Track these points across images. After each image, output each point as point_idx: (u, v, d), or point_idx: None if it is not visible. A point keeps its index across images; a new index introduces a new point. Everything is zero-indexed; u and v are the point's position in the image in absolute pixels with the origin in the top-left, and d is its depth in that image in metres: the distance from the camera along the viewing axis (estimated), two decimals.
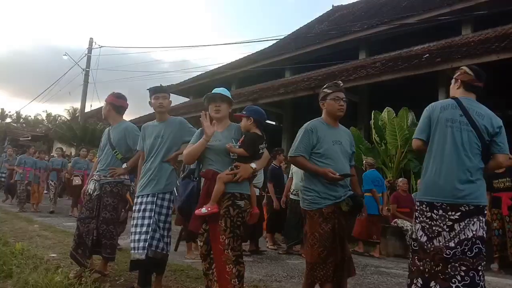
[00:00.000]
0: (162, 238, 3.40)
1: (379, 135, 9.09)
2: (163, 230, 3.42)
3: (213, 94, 3.00)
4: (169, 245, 3.50)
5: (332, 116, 3.17)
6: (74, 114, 31.13)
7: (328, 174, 2.91)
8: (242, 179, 2.79)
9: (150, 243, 3.32)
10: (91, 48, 21.94)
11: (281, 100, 12.71)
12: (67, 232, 6.58)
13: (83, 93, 21.59)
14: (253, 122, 2.93)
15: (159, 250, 3.36)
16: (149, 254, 3.30)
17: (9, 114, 51.06)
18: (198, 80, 18.56)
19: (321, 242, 2.88)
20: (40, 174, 10.56)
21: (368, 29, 12.76)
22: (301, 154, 3.03)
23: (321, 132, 3.07)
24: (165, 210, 3.46)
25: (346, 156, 3.13)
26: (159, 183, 3.48)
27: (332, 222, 2.90)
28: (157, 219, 3.40)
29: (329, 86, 3.21)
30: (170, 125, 3.61)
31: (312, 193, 2.98)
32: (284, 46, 17.10)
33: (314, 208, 2.96)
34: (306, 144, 3.03)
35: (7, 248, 4.89)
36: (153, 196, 3.46)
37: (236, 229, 2.74)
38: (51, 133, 25.30)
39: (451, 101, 2.75)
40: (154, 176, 3.49)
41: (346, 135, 3.26)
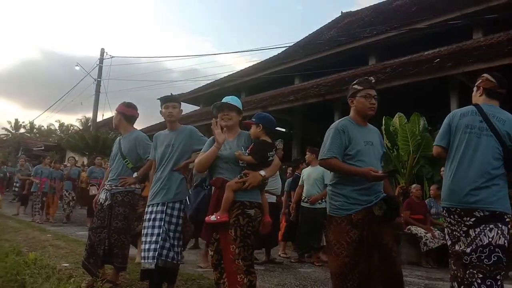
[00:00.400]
0: (172, 247, 3.39)
1: (390, 141, 8.99)
2: (173, 239, 3.41)
3: (220, 104, 3.00)
4: (180, 255, 3.48)
5: (362, 114, 2.93)
6: (86, 123, 31.55)
7: (370, 173, 2.64)
8: (251, 187, 2.77)
9: (160, 253, 3.32)
10: (102, 59, 22.19)
11: (290, 107, 12.69)
12: (80, 241, 6.61)
13: (95, 103, 21.82)
14: (262, 129, 2.91)
15: (169, 259, 3.35)
16: (159, 264, 3.29)
17: (23, 125, 51.72)
18: (208, 89, 18.65)
19: (348, 251, 2.66)
20: (56, 184, 10.44)
21: (378, 34, 12.72)
22: (334, 155, 2.76)
23: (352, 132, 2.84)
24: (175, 219, 3.45)
25: (378, 158, 2.91)
26: (168, 192, 3.48)
27: (361, 229, 2.69)
28: (167, 228, 3.39)
29: (359, 83, 2.98)
30: (181, 134, 3.62)
31: (341, 198, 2.76)
32: (293, 53, 17.11)
33: (342, 214, 2.73)
34: (338, 144, 2.78)
35: (21, 258, 4.94)
36: (163, 205, 3.46)
37: (247, 239, 2.71)
38: (63, 143, 25.55)
39: (471, 107, 2.78)
40: (164, 185, 3.50)
41: (376, 134, 3.05)
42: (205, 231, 2.86)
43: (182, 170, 3.51)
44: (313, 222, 6.05)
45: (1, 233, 7.48)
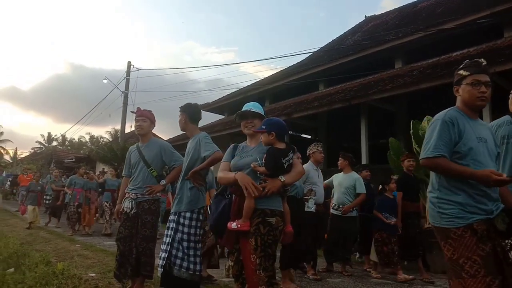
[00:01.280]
0: (187, 257, 3.35)
1: (419, 146, 8.70)
2: (187, 249, 3.37)
3: (243, 112, 2.97)
4: (197, 265, 3.41)
5: (470, 106, 2.42)
6: (115, 135, 32.23)
7: (491, 177, 2.13)
8: (271, 193, 2.68)
9: (174, 262, 3.31)
10: (129, 71, 22.65)
11: (315, 113, 12.54)
12: (107, 251, 6.66)
13: (123, 115, 22.24)
14: (275, 137, 2.84)
15: (184, 269, 3.32)
16: (174, 273, 3.29)
17: (55, 138, 53.47)
18: (232, 98, 18.73)
19: (487, 268, 2.09)
20: (91, 195, 10.19)
21: (403, 37, 12.45)
22: (443, 154, 2.27)
23: (462, 124, 2.33)
24: (187, 229, 3.41)
25: (493, 158, 2.39)
26: (180, 201, 3.49)
27: (492, 242, 2.16)
28: (179, 237, 3.38)
29: (465, 67, 2.51)
30: (193, 141, 3.63)
31: (453, 206, 2.25)
32: (317, 59, 16.99)
33: (461, 224, 2.21)
34: (446, 140, 2.29)
35: (49, 268, 5.00)
36: (175, 214, 3.48)
37: (268, 248, 2.61)
38: (93, 154, 26.17)
39: (507, 117, 2.64)
40: (177, 194, 3.54)
41: (489, 131, 2.50)
42: (226, 238, 2.79)
43: (191, 179, 3.47)
44: (343, 231, 5.91)
45: (33, 243, 7.64)
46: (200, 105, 4.10)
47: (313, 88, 15.45)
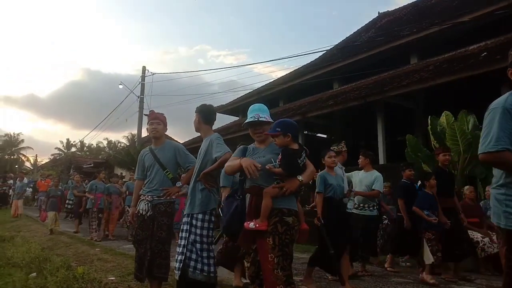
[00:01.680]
0: (201, 259, 3.34)
1: (438, 142, 8.56)
2: (200, 251, 3.36)
3: (252, 122, 2.94)
4: (211, 267, 3.39)
5: None
6: (132, 139, 32.60)
7: None
8: (290, 192, 2.68)
9: (188, 264, 3.32)
10: (144, 76, 22.91)
11: (330, 112, 12.43)
12: (126, 255, 6.72)
13: (139, 119, 22.49)
14: (291, 138, 2.83)
15: (198, 271, 3.31)
16: (189, 275, 3.29)
17: (74, 144, 54.44)
18: (246, 99, 18.74)
19: None
20: (113, 200, 9.95)
21: (418, 32, 12.25)
22: (506, 147, 2.01)
23: None
24: (199, 230, 3.40)
25: None
26: (191, 203, 3.49)
27: None
28: (193, 239, 3.38)
29: None
30: (206, 142, 3.63)
31: None
32: (330, 57, 16.87)
33: None
34: (508, 131, 2.02)
35: (70, 272, 5.08)
36: (188, 216, 3.48)
37: (285, 247, 2.60)
38: (111, 159, 26.52)
39: None
40: (189, 196, 3.54)
41: None
42: (243, 238, 2.77)
43: (203, 180, 3.46)
44: (364, 230, 5.81)
45: (54, 248, 7.77)
46: (215, 107, 4.08)
47: (327, 87, 15.35)
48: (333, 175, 4.89)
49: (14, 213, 15.00)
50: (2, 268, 5.66)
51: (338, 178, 4.93)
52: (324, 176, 4.86)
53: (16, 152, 55.79)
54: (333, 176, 4.88)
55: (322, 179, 4.84)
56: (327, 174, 4.88)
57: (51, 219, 10.37)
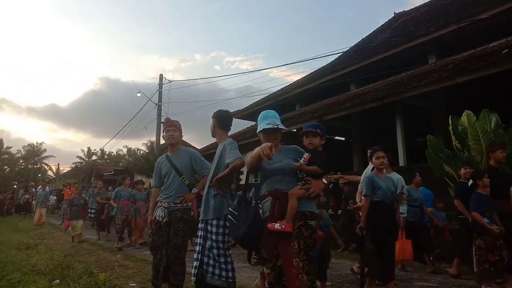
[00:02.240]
0: (219, 264, 3.33)
1: (460, 142, 8.37)
2: (217, 256, 3.35)
3: (267, 130, 2.94)
4: (229, 272, 3.36)
5: None
6: (151, 147, 32.99)
7: None
8: (315, 194, 2.68)
9: (207, 270, 3.31)
10: (161, 84, 23.17)
11: (348, 114, 12.33)
12: (147, 261, 6.76)
13: (157, 127, 22.72)
14: (322, 140, 2.87)
15: (216, 276, 3.30)
16: (207, 281, 3.29)
17: (95, 152, 55.41)
18: (263, 103, 18.73)
19: None
20: (139, 207, 9.46)
21: (436, 31, 12.05)
22: None
23: None
24: (215, 236, 3.39)
25: None
26: (205, 209, 3.49)
27: None
28: (209, 245, 3.37)
29: None
30: (220, 148, 3.62)
31: None
32: (346, 59, 16.75)
33: None
34: None
35: (92, 279, 5.13)
36: (203, 222, 3.49)
37: (310, 251, 2.60)
38: (131, 166, 26.87)
39: None
40: (203, 202, 3.54)
41: None
42: (266, 242, 2.73)
43: (216, 186, 3.44)
44: None
45: (76, 255, 7.88)
46: (231, 112, 4.07)
47: (344, 89, 15.23)
48: (382, 177, 4.55)
49: (38, 221, 15.25)
50: (27, 275, 5.76)
51: (388, 181, 4.59)
52: (372, 178, 4.49)
53: (39, 161, 57.19)
54: (382, 178, 4.54)
55: (370, 181, 4.46)
56: (376, 176, 4.52)
57: (74, 226, 10.25)
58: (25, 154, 57.24)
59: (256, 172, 2.93)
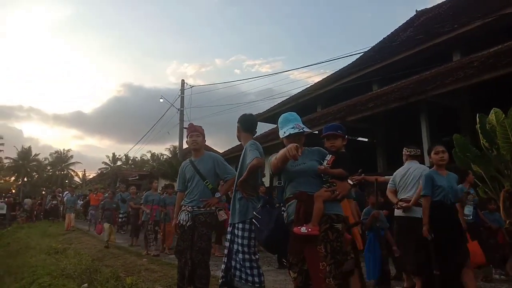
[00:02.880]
0: (244, 269, 3.32)
1: (488, 140, 8.13)
2: (243, 261, 3.33)
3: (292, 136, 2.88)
4: (256, 277, 3.33)
5: None
6: (174, 151, 33.38)
7: None
8: (342, 196, 2.64)
9: (234, 273, 3.32)
10: (183, 89, 23.45)
11: (371, 114, 12.15)
12: (172, 264, 6.81)
13: (180, 131, 23.00)
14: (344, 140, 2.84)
15: (243, 280, 3.29)
16: (235, 284, 3.29)
17: (119, 158, 56.46)
18: (284, 105, 18.69)
19: None
20: (170, 212, 8.93)
21: (460, 28, 11.78)
22: None
23: None
24: (241, 240, 3.37)
25: None
26: (233, 213, 3.50)
27: None
28: (236, 249, 3.37)
29: None
30: (243, 152, 3.60)
31: None
32: (368, 59, 16.54)
33: None
34: None
35: (119, 283, 5.21)
36: (230, 226, 3.49)
37: (337, 255, 2.55)
38: (154, 171, 27.24)
39: None
40: (231, 205, 3.56)
41: None
42: (292, 246, 2.70)
43: (240, 189, 3.44)
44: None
45: (103, 259, 8.01)
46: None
47: (366, 89, 15.04)
48: (443, 175, 4.15)
49: (68, 226, 15.45)
50: (57, 279, 5.88)
51: (451, 178, 4.18)
52: (432, 176, 4.12)
53: (66, 168, 58.68)
54: (443, 176, 4.14)
55: (429, 179, 4.10)
56: (436, 174, 4.15)
57: (106, 230, 10.15)
58: (52, 161, 58.86)
59: (279, 174, 2.90)
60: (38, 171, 58.05)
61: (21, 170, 54.14)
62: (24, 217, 22.34)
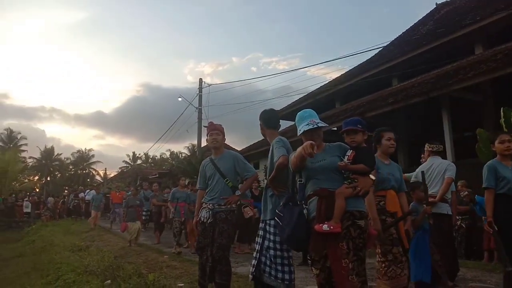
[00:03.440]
0: (275, 265, 3.29)
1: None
2: (274, 257, 3.30)
3: (308, 132, 2.86)
4: (286, 274, 3.29)
5: None
6: (193, 149, 33.65)
7: None
8: (364, 192, 2.60)
9: (264, 269, 3.30)
10: (201, 88, 23.58)
11: (391, 110, 11.97)
12: (193, 261, 6.88)
13: (198, 130, 23.16)
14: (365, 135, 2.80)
15: (272, 277, 3.26)
16: (264, 280, 3.28)
17: (139, 156, 57.22)
18: (301, 103, 18.59)
19: None
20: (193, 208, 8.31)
21: (482, 20, 11.49)
22: None
23: None
24: (273, 236, 3.35)
25: None
26: (265, 210, 3.48)
27: None
28: (267, 245, 3.35)
29: None
30: (271, 149, 3.57)
31: None
32: (387, 54, 16.31)
33: None
34: None
35: (141, 279, 5.27)
36: (262, 222, 3.48)
37: (359, 252, 2.53)
38: (174, 169, 27.49)
39: None
40: (262, 202, 3.54)
41: None
42: (314, 243, 2.68)
43: (271, 187, 3.42)
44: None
45: (125, 256, 8.14)
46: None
47: (386, 85, 14.82)
48: (508, 166, 3.82)
49: (93, 223, 15.40)
50: (81, 276, 6.01)
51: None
52: (495, 166, 3.82)
53: (87, 167, 59.82)
54: (508, 167, 3.82)
55: (492, 170, 3.79)
56: (499, 164, 3.84)
57: (130, 228, 10.00)
58: (74, 160, 60.07)
59: (300, 172, 2.88)
60: (60, 170, 59.31)
61: (44, 170, 55.40)
62: (48, 215, 22.84)
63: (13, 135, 51.20)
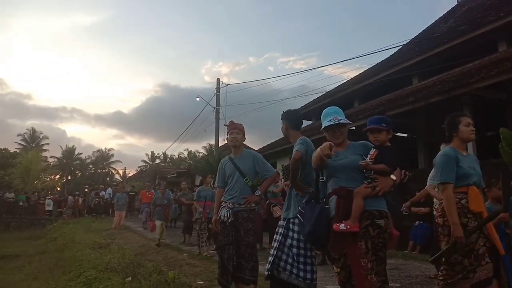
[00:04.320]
0: (297, 264, 3.25)
1: None
2: (297, 256, 3.27)
3: (330, 126, 2.87)
4: (308, 273, 3.25)
5: None
6: (210, 149, 33.88)
7: None
8: (383, 192, 2.56)
9: (284, 267, 3.26)
10: (219, 88, 23.69)
11: (411, 109, 11.80)
12: (212, 259, 6.93)
13: (216, 129, 23.27)
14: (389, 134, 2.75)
15: (294, 275, 3.23)
16: (284, 278, 3.24)
17: (158, 156, 57.88)
18: (319, 102, 18.50)
19: None
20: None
21: (506, 16, 11.19)
22: None
23: None
24: (296, 235, 3.30)
25: None
26: (287, 208, 3.45)
27: None
28: (289, 243, 3.31)
29: None
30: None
31: None
32: (407, 52, 16.07)
33: None
34: None
35: (161, 277, 5.34)
36: (284, 220, 3.44)
37: (379, 251, 2.50)
38: (192, 168, 27.69)
39: None
40: (286, 200, 3.53)
41: None
42: (333, 242, 2.67)
43: (295, 188, 3.39)
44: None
45: (145, 254, 8.25)
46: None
47: (406, 83, 14.61)
48: None
49: (117, 224, 14.82)
50: (102, 273, 6.11)
51: None
52: None
53: (107, 166, 60.83)
54: None
55: None
56: None
57: (158, 228, 9.89)
58: (94, 160, 61.16)
59: (322, 170, 2.88)
60: (81, 169, 60.45)
61: (65, 169, 56.57)
62: (70, 213, 23.28)
63: (35, 135, 52.43)
